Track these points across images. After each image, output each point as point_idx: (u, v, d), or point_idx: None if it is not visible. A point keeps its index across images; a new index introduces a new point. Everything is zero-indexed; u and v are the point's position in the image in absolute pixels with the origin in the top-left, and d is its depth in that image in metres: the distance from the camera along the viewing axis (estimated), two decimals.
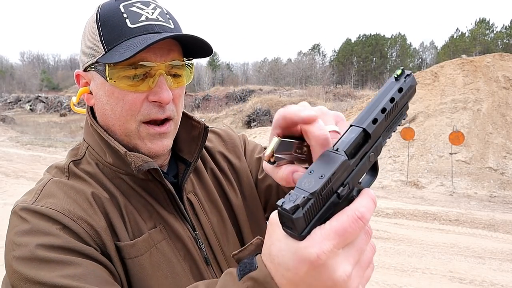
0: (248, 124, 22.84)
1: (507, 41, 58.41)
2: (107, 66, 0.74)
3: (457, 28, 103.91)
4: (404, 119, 0.57)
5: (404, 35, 77.19)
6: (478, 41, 59.69)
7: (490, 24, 62.81)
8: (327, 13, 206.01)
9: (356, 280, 0.47)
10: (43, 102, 42.68)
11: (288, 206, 0.44)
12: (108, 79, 0.75)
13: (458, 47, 57.94)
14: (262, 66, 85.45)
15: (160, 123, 0.80)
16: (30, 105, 41.94)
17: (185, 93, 0.87)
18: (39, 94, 47.48)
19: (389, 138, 0.56)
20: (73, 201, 0.73)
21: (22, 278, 0.63)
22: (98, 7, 0.79)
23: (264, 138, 15.99)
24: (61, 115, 34.67)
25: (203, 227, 0.86)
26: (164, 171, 0.88)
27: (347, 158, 0.49)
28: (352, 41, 76.28)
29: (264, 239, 0.51)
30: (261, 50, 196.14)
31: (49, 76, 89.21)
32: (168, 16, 0.80)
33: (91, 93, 0.82)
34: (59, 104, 41.40)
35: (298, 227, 0.45)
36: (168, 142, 0.82)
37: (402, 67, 0.57)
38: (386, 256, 5.23)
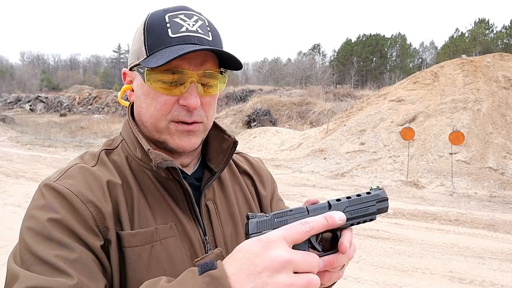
0: (248, 124, 22.82)
1: (507, 41, 58.32)
2: (146, 69, 0.82)
3: (457, 28, 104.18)
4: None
5: (404, 35, 77.07)
6: (478, 41, 59.58)
7: (490, 24, 62.72)
8: (327, 13, 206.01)
9: (290, 275, 0.58)
10: (43, 102, 42.71)
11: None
12: (145, 80, 0.83)
13: (458, 47, 57.84)
14: (262, 66, 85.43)
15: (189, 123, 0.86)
16: (30, 105, 41.95)
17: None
18: (39, 94, 47.50)
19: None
20: (88, 186, 0.80)
21: (26, 247, 0.70)
22: (148, 15, 0.87)
23: (264, 138, 15.97)
24: (61, 115, 34.67)
25: (214, 234, 0.90)
26: (188, 173, 0.94)
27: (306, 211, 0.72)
28: (352, 41, 76.16)
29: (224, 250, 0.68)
30: (261, 50, 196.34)
31: (49, 76, 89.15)
32: (208, 29, 0.85)
33: (133, 90, 0.91)
34: (59, 104, 41.43)
35: (249, 229, 0.67)
36: (195, 140, 0.87)
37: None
38: (386, 256, 5.23)
